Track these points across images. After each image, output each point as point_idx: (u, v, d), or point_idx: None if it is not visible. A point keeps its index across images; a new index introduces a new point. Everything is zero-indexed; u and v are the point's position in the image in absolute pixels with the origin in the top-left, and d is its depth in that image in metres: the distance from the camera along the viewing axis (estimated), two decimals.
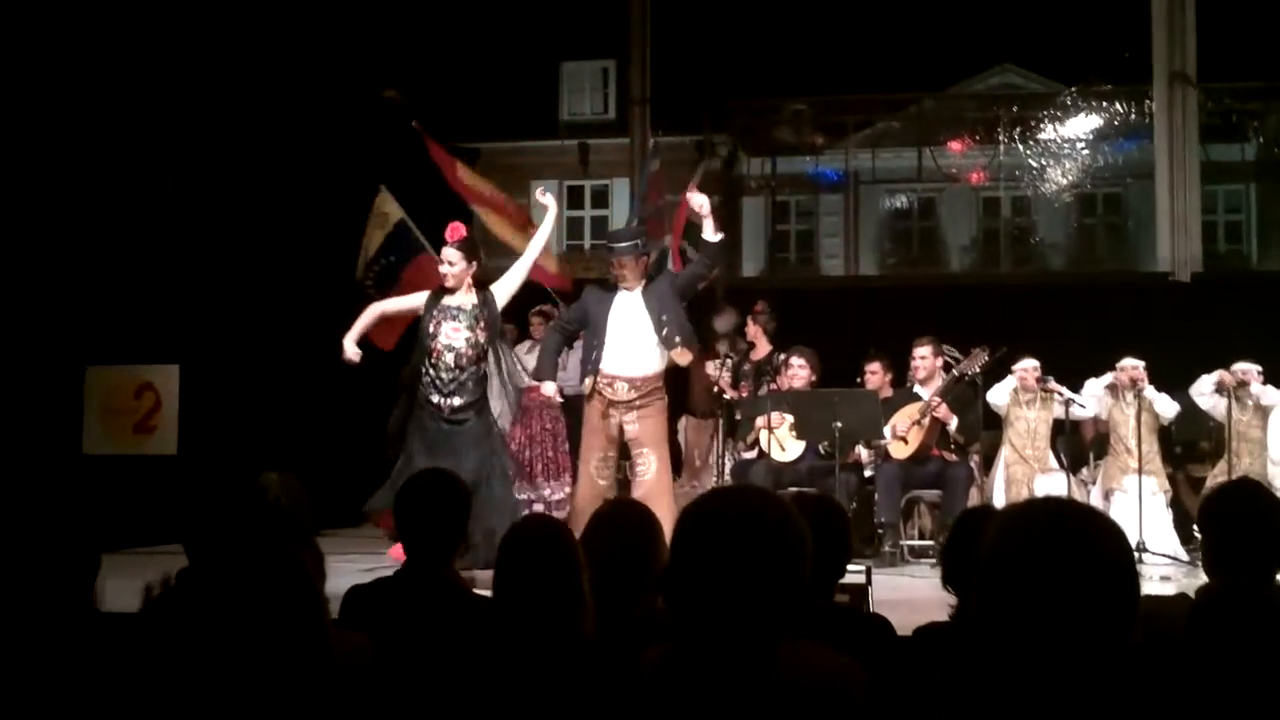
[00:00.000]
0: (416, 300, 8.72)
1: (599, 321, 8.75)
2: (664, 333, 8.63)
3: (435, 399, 8.44)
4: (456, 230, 8.67)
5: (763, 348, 11.24)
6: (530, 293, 9.93)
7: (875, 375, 10.81)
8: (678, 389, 11.47)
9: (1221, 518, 3.76)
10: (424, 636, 3.68)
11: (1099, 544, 2.13)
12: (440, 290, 8.59)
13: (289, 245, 12.31)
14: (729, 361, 11.21)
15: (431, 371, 8.47)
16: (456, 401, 8.44)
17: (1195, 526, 4.55)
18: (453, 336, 8.45)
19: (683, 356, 8.76)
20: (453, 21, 18.06)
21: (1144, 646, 2.16)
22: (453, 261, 8.54)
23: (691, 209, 9.30)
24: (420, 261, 10.65)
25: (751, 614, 2.46)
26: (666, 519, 3.69)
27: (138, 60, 11.14)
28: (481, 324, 8.52)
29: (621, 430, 8.72)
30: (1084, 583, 2.08)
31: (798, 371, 10.47)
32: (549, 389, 8.96)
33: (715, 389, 10.91)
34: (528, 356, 10.90)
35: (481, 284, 8.66)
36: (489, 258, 9.29)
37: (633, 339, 8.68)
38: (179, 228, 11.55)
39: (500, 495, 8.36)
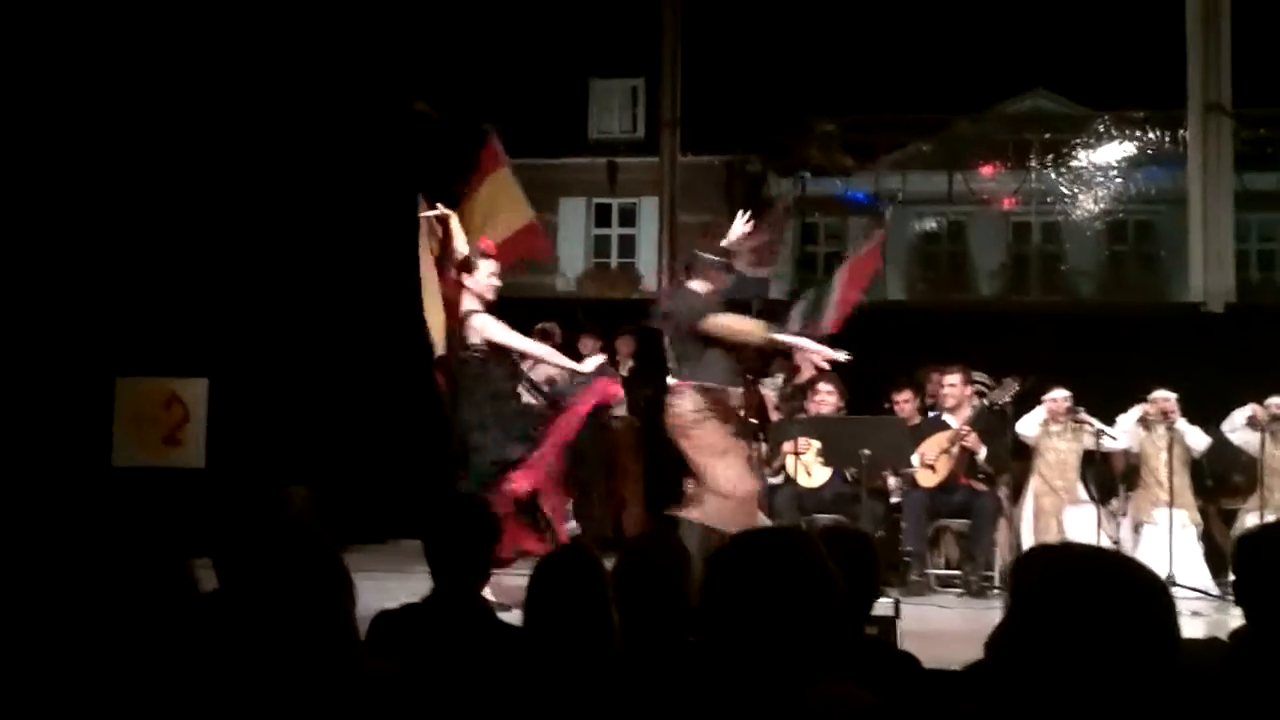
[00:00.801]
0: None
1: None
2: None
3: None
4: (491, 244, 8.59)
5: (807, 371, 11.17)
6: (531, 311, 9.83)
7: (906, 404, 10.77)
8: None
9: (1257, 561, 3.72)
10: (454, 664, 3.66)
11: (1139, 597, 2.11)
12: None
13: (319, 259, 12.32)
14: (779, 379, 11.21)
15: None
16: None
17: (1229, 560, 4.50)
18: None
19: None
20: (484, 36, 18.11)
21: (1178, 693, 2.14)
22: (494, 274, 8.44)
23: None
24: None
25: (781, 654, 2.44)
26: None
27: (171, 73, 11.19)
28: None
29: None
30: (1122, 637, 2.06)
31: (825, 398, 10.42)
32: None
33: (744, 412, 10.88)
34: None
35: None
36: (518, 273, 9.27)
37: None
38: (209, 240, 11.57)
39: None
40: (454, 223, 8.78)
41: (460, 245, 8.62)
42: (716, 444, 8.32)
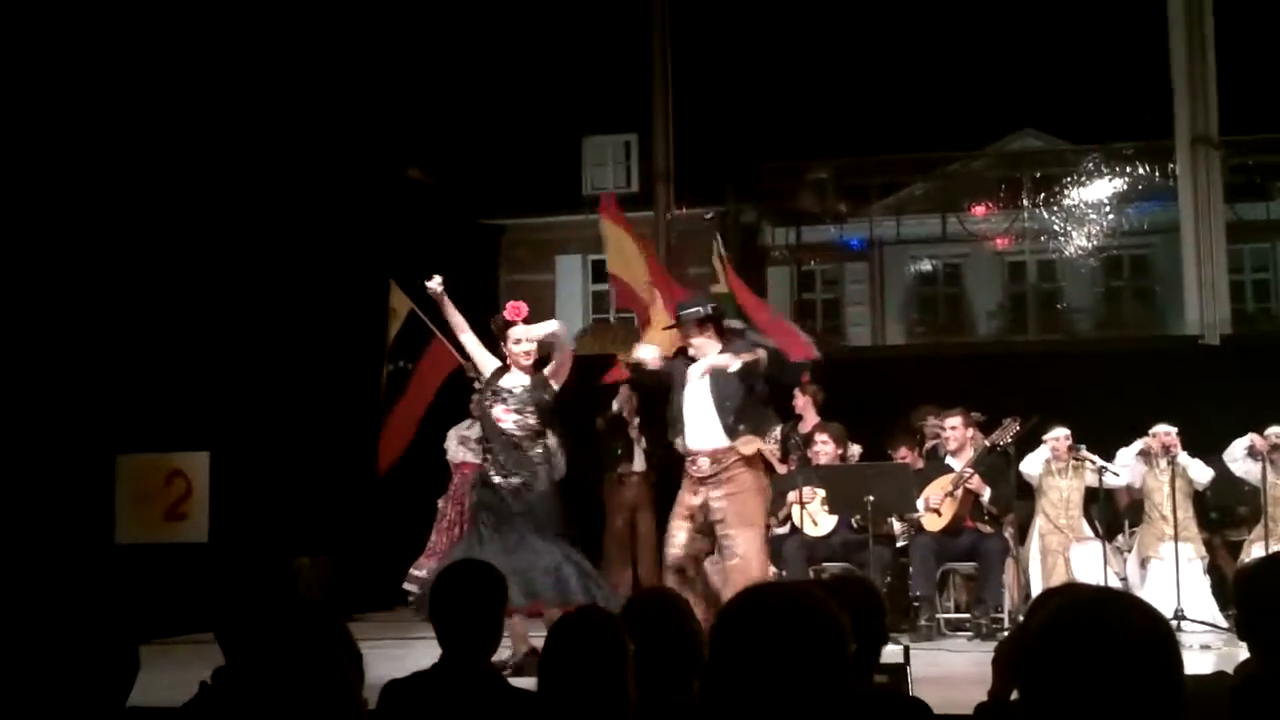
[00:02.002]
0: (485, 361, 8.63)
1: (676, 395, 8.52)
2: (728, 420, 8.31)
3: (496, 479, 8.37)
4: (519, 309, 8.45)
5: (810, 419, 11.18)
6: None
7: (904, 458, 10.79)
8: None
9: (1257, 594, 3.73)
10: None
11: (1146, 645, 2.11)
12: (501, 369, 8.50)
13: (316, 330, 12.35)
14: (777, 432, 11.22)
15: (491, 452, 8.46)
16: (516, 481, 8.34)
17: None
18: (504, 419, 8.36)
19: (747, 446, 8.34)
20: (475, 97, 18.22)
21: None
22: (530, 339, 8.40)
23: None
24: (433, 351, 10.72)
25: (794, 710, 2.44)
26: None
27: (162, 143, 11.25)
28: (531, 406, 8.36)
29: (707, 509, 8.34)
30: (1129, 683, 2.07)
31: (821, 448, 10.42)
32: None
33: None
34: (468, 432, 10.89)
35: (538, 365, 8.49)
36: None
37: (705, 411, 8.39)
38: (207, 313, 11.60)
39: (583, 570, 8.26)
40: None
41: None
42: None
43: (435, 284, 8.42)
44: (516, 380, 8.40)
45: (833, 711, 2.49)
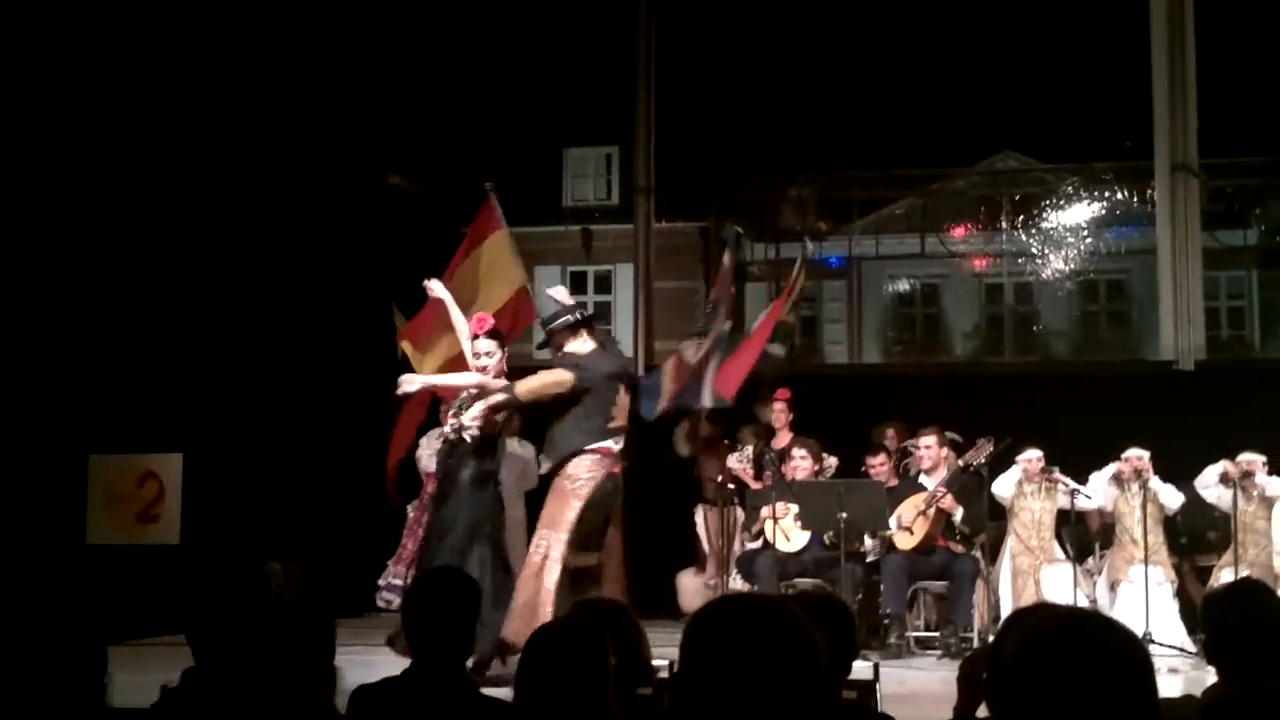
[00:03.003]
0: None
1: None
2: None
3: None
4: (484, 321, 8.56)
5: (784, 437, 11.25)
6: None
7: (880, 467, 10.82)
8: (692, 478, 11.53)
9: (1225, 618, 3.76)
10: None
11: (1121, 664, 2.13)
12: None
13: (295, 334, 12.33)
14: (749, 450, 11.26)
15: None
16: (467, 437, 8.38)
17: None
18: (449, 421, 8.50)
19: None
20: (457, 107, 18.20)
21: None
22: (490, 353, 8.46)
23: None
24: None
25: None
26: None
27: (137, 148, 11.22)
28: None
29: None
30: (1103, 702, 2.08)
31: (799, 463, 10.47)
32: None
33: (722, 479, 10.94)
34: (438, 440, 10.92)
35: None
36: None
37: None
38: (181, 316, 11.58)
39: (486, 559, 8.31)
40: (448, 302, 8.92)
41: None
42: None
43: (436, 289, 8.54)
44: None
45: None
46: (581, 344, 8.55)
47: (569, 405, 8.36)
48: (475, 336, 8.51)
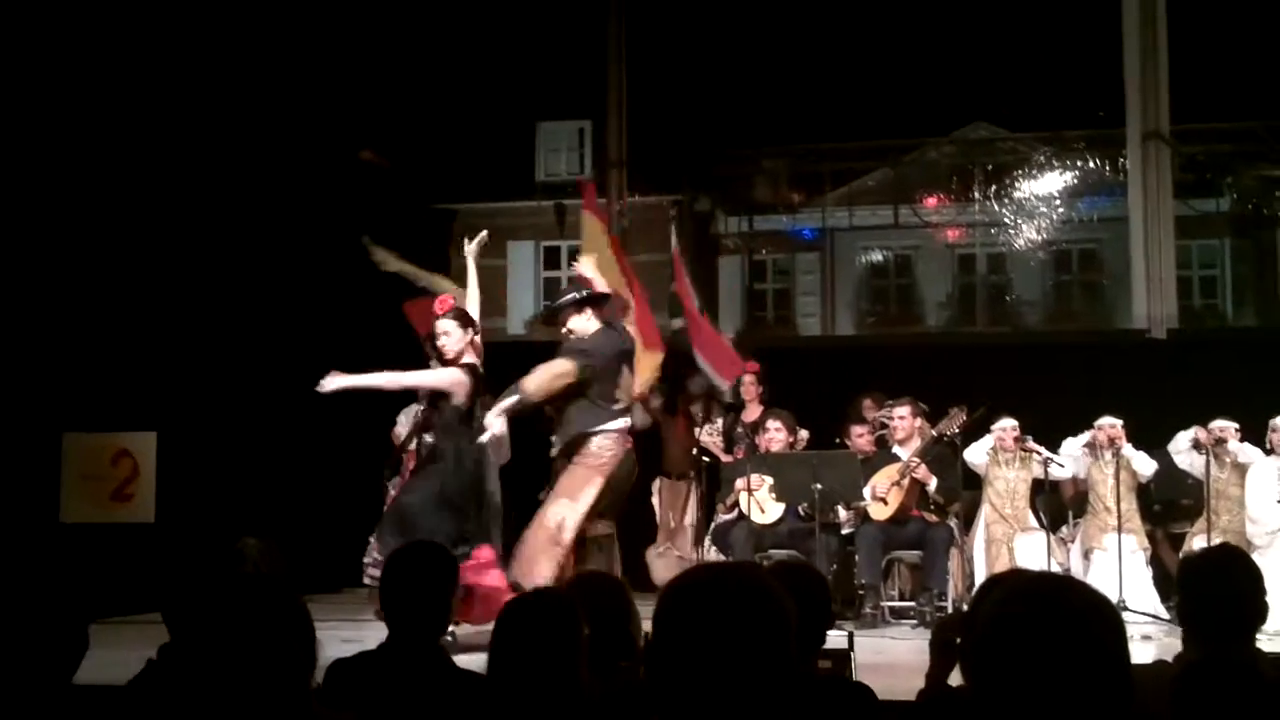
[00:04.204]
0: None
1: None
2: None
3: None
4: (445, 303, 8.63)
5: (754, 410, 11.27)
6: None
7: (861, 438, 10.86)
8: (652, 450, 11.50)
9: (1199, 586, 3.78)
10: (415, 713, 3.64)
11: (1095, 627, 2.14)
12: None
13: (267, 310, 12.29)
14: (718, 424, 11.27)
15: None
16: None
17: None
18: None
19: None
20: (429, 82, 18.14)
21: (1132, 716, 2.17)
22: (448, 332, 8.50)
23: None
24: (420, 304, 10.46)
25: (738, 691, 2.45)
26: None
27: (116, 127, 11.16)
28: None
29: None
30: (1078, 664, 2.10)
31: (774, 435, 10.49)
32: None
33: (695, 451, 10.94)
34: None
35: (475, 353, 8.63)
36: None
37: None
38: (156, 293, 11.52)
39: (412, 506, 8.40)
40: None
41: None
42: None
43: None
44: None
45: (777, 693, 2.50)
46: (586, 322, 8.67)
47: (580, 389, 8.60)
48: (437, 316, 8.55)
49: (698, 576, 2.63)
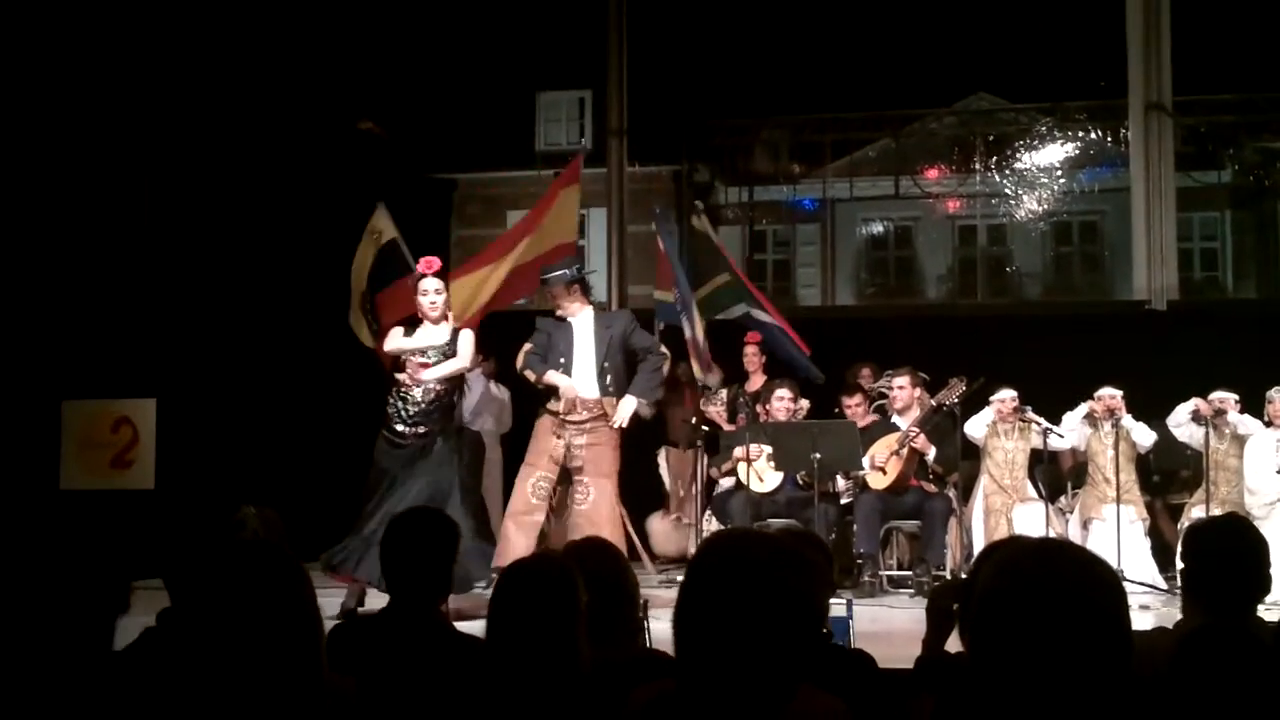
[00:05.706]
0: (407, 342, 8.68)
1: (562, 345, 8.83)
2: (605, 379, 8.76)
3: (400, 428, 8.45)
4: (432, 263, 8.64)
5: (756, 380, 11.27)
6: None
7: (856, 407, 10.84)
8: (657, 420, 11.49)
9: (1204, 554, 3.78)
10: (414, 678, 3.65)
11: (1095, 590, 2.14)
12: (413, 324, 8.62)
13: (266, 278, 12.28)
14: (723, 394, 11.26)
15: (399, 404, 8.47)
16: (421, 430, 8.44)
17: (1176, 554, 4.58)
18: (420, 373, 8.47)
19: (614, 410, 8.74)
20: (429, 52, 18.10)
21: (1132, 686, 2.17)
22: (437, 291, 8.53)
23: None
24: (396, 286, 10.46)
25: (772, 658, 2.45)
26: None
27: (114, 93, 11.13)
28: (441, 359, 8.53)
29: (569, 453, 8.71)
30: (1077, 627, 2.09)
31: (784, 402, 10.49)
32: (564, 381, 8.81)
33: (695, 420, 10.94)
34: None
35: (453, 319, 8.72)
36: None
37: (587, 364, 8.78)
38: (156, 260, 11.51)
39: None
40: None
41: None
42: None
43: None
44: (432, 333, 8.59)
45: (801, 668, 2.51)
46: (573, 301, 8.70)
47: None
48: (422, 276, 8.55)
49: (730, 545, 2.63)
